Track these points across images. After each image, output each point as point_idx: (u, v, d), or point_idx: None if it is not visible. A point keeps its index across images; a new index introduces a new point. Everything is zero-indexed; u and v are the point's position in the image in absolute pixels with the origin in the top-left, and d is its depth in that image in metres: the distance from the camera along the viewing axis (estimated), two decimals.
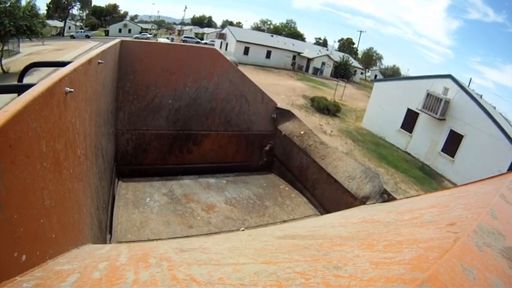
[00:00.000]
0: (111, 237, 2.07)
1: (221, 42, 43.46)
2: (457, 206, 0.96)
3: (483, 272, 0.51)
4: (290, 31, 70.24)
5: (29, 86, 0.94)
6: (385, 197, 2.17)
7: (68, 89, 1.02)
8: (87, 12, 64.86)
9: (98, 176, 1.76)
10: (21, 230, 0.64)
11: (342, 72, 43.07)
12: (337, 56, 47.13)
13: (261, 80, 24.10)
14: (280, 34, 53.34)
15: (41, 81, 0.91)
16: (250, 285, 0.56)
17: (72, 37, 47.90)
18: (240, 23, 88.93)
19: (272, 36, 47.28)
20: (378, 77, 57.59)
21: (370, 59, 66.29)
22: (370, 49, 69.33)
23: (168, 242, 1.76)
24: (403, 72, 62.22)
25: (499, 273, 0.53)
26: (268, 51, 41.85)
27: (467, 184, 1.37)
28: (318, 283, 0.53)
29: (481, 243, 0.59)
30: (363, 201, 2.26)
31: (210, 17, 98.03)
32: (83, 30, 53.68)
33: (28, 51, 25.22)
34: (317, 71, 42.86)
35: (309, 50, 45.62)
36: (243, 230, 2.41)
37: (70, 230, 1.00)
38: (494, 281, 0.51)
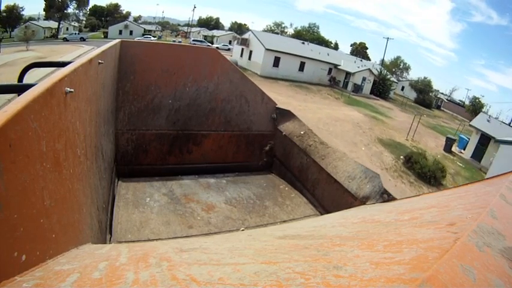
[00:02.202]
0: (111, 237, 2.07)
1: (242, 49, 35.66)
2: (457, 206, 0.96)
3: (483, 272, 0.51)
4: (313, 36, 60.56)
5: (29, 86, 0.94)
6: (385, 197, 2.17)
7: (68, 89, 1.02)
8: (83, 11, 60.31)
9: (98, 176, 1.76)
10: (21, 229, 0.64)
11: (380, 88, 37.87)
12: (375, 69, 40.28)
13: (315, 108, 19.60)
14: (305, 40, 44.65)
15: (41, 81, 0.91)
16: (250, 285, 0.56)
17: (65, 40, 43.16)
18: (245, 24, 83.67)
19: (303, 43, 38.64)
20: (404, 89, 50.29)
21: (391, 68, 57.25)
22: (398, 58, 61.03)
23: (168, 242, 1.76)
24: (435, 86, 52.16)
25: (499, 273, 0.53)
26: (301, 62, 33.82)
27: (467, 184, 1.37)
28: (318, 283, 0.53)
29: (481, 243, 0.59)
30: (363, 201, 2.26)
31: (217, 19, 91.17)
32: (77, 32, 49.17)
33: (4, 59, 21.13)
34: (358, 88, 35.24)
35: (345, 61, 38.10)
36: (243, 230, 2.41)
37: (70, 230, 1.00)
38: (494, 281, 0.51)
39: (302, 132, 3.27)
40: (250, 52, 34.12)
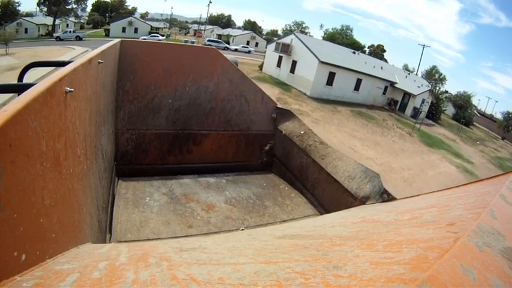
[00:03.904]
0: (110, 237, 2.07)
1: (280, 57, 27.29)
2: (457, 206, 0.96)
3: (483, 272, 0.51)
4: (347, 41, 50.09)
5: (29, 85, 0.94)
6: (385, 197, 2.17)
7: (68, 88, 1.02)
8: (82, 6, 51.58)
9: (98, 176, 1.76)
10: (21, 229, 0.64)
11: (433, 110, 31.51)
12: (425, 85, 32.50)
13: (416, 168, 15.25)
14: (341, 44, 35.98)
15: (41, 80, 0.91)
16: (250, 285, 0.56)
17: (59, 39, 36.65)
18: (255, 22, 72.95)
19: (354, 53, 29.98)
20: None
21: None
22: (433, 68, 52.28)
23: (167, 241, 1.76)
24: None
25: (499, 273, 0.53)
26: (358, 79, 25.73)
27: (467, 184, 1.37)
28: (317, 283, 0.53)
29: (481, 243, 0.59)
30: (362, 201, 2.26)
31: (229, 16, 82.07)
32: (72, 30, 41.19)
33: None
34: (417, 113, 27.29)
35: (398, 76, 30.40)
36: (242, 230, 2.41)
37: (70, 230, 1.00)
38: (494, 281, 0.51)
39: (302, 132, 3.27)
40: (293, 63, 25.66)
